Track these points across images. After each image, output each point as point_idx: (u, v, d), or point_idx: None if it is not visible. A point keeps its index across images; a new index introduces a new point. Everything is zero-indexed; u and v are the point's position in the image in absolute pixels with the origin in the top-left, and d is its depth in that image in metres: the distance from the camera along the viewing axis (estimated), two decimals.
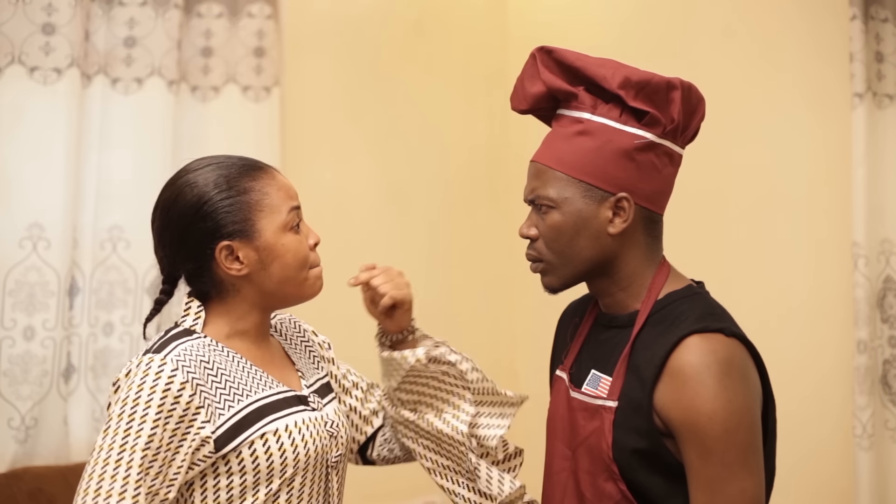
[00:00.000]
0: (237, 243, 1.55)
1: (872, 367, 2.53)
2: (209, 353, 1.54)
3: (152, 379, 1.46)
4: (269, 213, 1.57)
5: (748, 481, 1.48)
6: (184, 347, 1.52)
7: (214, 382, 1.51)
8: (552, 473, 1.68)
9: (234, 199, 1.56)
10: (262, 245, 1.56)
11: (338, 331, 2.25)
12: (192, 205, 1.56)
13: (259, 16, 2.92)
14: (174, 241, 1.58)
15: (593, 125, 1.61)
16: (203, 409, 1.48)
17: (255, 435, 1.52)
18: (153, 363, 1.48)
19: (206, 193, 1.56)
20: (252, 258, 1.56)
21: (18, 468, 2.54)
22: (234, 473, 1.51)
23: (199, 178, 1.58)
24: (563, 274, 1.64)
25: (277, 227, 1.57)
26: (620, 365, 1.57)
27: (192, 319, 1.58)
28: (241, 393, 1.54)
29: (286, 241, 1.58)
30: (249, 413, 1.53)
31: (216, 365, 1.53)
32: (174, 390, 1.46)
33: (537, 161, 1.65)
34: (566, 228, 1.60)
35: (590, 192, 1.59)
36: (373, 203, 3.28)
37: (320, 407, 1.64)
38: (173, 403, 1.46)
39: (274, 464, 1.52)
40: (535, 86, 1.66)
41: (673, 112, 1.60)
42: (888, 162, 2.56)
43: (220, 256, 1.55)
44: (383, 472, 2.18)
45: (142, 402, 1.45)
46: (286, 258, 1.58)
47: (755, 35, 2.90)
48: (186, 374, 1.48)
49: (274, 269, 1.57)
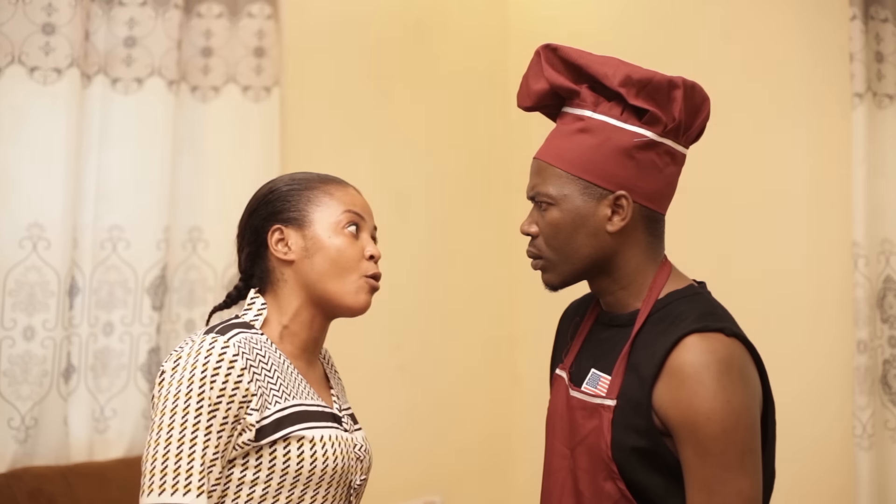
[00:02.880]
0: (289, 229, 1.63)
1: (872, 367, 2.53)
2: (265, 350, 1.58)
3: (216, 359, 1.49)
4: (325, 209, 1.64)
5: (745, 482, 1.48)
6: (245, 336, 1.55)
7: (267, 375, 1.55)
8: (551, 472, 1.68)
9: (298, 192, 1.65)
10: (310, 234, 1.63)
11: (338, 330, 2.25)
12: (262, 194, 1.68)
13: (259, 16, 2.92)
14: (242, 227, 1.70)
15: (594, 123, 1.61)
16: (256, 397, 1.51)
17: (293, 436, 1.54)
18: (216, 343, 1.51)
19: (277, 186, 1.68)
20: (299, 245, 1.62)
21: (18, 468, 2.54)
22: (262, 469, 1.53)
23: (278, 177, 1.72)
24: (561, 271, 1.64)
25: (330, 223, 1.63)
26: (620, 364, 1.57)
27: (254, 315, 1.63)
28: (290, 393, 1.57)
29: (336, 238, 1.63)
30: (292, 413, 1.56)
31: (271, 361, 1.57)
32: (235, 374, 1.49)
33: (539, 158, 1.66)
34: (564, 225, 1.61)
35: (588, 190, 1.60)
36: (373, 203, 3.26)
37: (352, 429, 1.68)
38: (234, 387, 1.49)
39: (303, 469, 1.54)
40: (539, 83, 1.67)
41: (674, 111, 1.60)
42: (888, 162, 2.56)
43: (270, 238, 1.63)
44: (383, 472, 2.18)
45: (207, 380, 1.48)
46: (330, 252, 1.62)
47: (755, 35, 2.90)
48: (246, 360, 1.52)
49: (317, 260, 1.62)
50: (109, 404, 2.72)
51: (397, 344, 3.30)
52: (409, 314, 3.34)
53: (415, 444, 3.30)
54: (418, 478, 3.33)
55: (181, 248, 2.84)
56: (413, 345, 3.33)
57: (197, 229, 2.85)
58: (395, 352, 3.30)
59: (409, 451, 3.27)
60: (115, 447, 2.72)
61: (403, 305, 3.32)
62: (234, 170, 2.84)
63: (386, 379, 3.25)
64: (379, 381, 3.21)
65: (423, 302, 3.38)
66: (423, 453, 3.33)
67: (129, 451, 2.72)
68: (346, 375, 1.90)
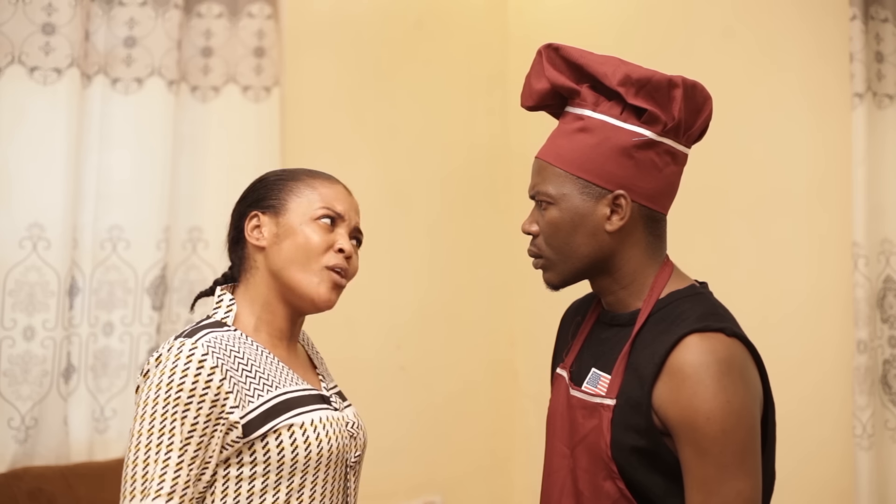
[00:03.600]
0: (265, 216, 1.65)
1: (872, 367, 2.53)
2: (239, 345, 1.57)
3: (183, 362, 1.49)
4: (303, 200, 1.64)
5: (744, 483, 1.47)
6: (214, 336, 1.55)
7: (244, 371, 1.55)
8: (551, 472, 1.68)
9: (283, 182, 1.67)
10: (283, 221, 1.63)
11: (338, 331, 2.25)
12: (252, 183, 1.71)
13: (259, 16, 2.92)
14: (231, 215, 1.70)
15: (593, 122, 1.61)
16: (232, 395, 1.51)
17: (282, 425, 1.54)
18: (184, 347, 1.51)
19: (266, 176, 1.71)
20: (271, 232, 1.63)
21: (18, 468, 2.54)
22: (258, 463, 1.53)
23: (274, 170, 1.74)
24: (561, 270, 1.64)
25: (305, 214, 1.63)
26: (620, 363, 1.57)
27: (224, 312, 1.63)
28: (270, 384, 1.57)
29: (307, 228, 1.63)
30: (277, 404, 1.56)
31: (246, 356, 1.57)
32: (205, 374, 1.49)
33: (540, 157, 1.66)
34: (563, 225, 1.61)
35: (587, 189, 1.60)
36: (373, 203, 3.26)
37: (342, 408, 1.68)
38: (205, 387, 1.49)
39: (298, 456, 1.54)
40: (540, 82, 1.67)
41: (674, 110, 1.59)
42: (888, 162, 2.56)
43: (247, 225, 1.64)
44: (383, 473, 2.19)
45: (174, 385, 1.48)
46: (298, 238, 1.62)
47: (755, 35, 2.89)
48: (216, 359, 1.51)
49: (284, 245, 1.62)
50: (109, 404, 2.72)
51: (397, 344, 3.30)
52: (409, 314, 3.34)
53: (415, 444, 3.30)
54: (418, 478, 3.33)
55: (181, 248, 2.84)
56: (413, 345, 3.33)
57: (197, 229, 2.85)
58: (396, 352, 3.29)
59: (409, 451, 3.27)
60: (115, 447, 2.72)
61: (404, 306, 3.32)
62: (234, 170, 2.84)
63: (386, 379, 3.25)
64: (379, 381, 3.21)
65: (423, 302, 3.38)
66: (423, 453, 3.33)
67: None
68: (346, 376, 1.90)
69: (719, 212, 2.94)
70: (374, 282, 2.66)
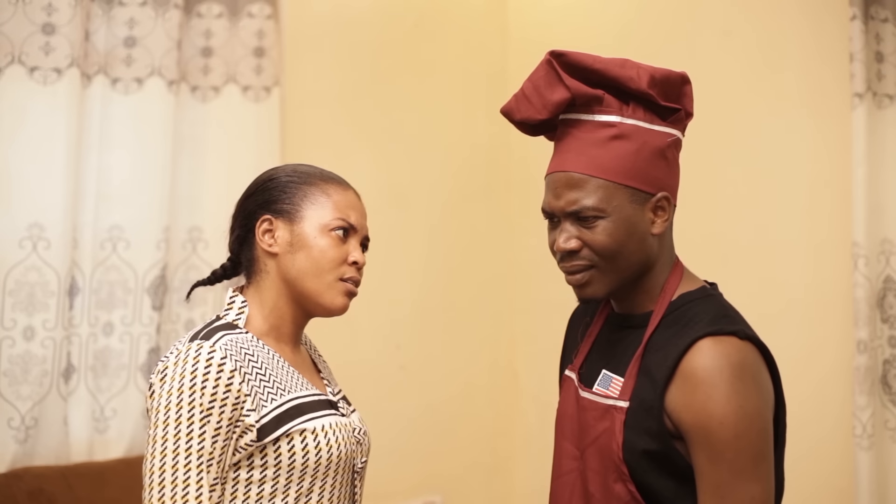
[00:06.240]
0: (278, 221, 1.63)
1: (872, 367, 2.53)
2: (252, 348, 1.57)
3: (203, 365, 1.49)
4: (319, 209, 1.63)
5: (757, 487, 1.47)
6: (230, 338, 1.55)
7: (259, 374, 1.55)
8: (560, 474, 1.67)
9: (296, 186, 1.65)
10: (297, 230, 1.62)
11: (338, 331, 2.25)
12: (262, 180, 1.68)
13: (259, 16, 2.92)
14: (236, 210, 1.68)
15: (627, 128, 1.58)
16: (249, 398, 1.51)
17: (294, 430, 1.54)
18: (202, 350, 1.50)
19: (277, 175, 1.68)
20: (285, 239, 1.62)
21: (18, 468, 2.54)
22: (268, 467, 1.53)
23: (281, 166, 1.71)
24: (611, 281, 1.59)
25: (319, 223, 1.62)
26: (633, 365, 1.57)
27: (235, 314, 1.62)
28: (284, 388, 1.57)
29: (321, 239, 1.62)
30: (290, 408, 1.56)
31: (259, 359, 1.57)
32: (225, 378, 1.49)
33: (572, 171, 1.58)
34: (619, 235, 1.56)
35: (635, 196, 1.57)
36: (372, 203, 3.25)
37: (349, 413, 1.69)
38: (226, 391, 1.49)
39: (308, 461, 1.55)
40: (558, 93, 1.60)
41: (688, 105, 1.62)
42: (888, 162, 2.56)
43: (258, 228, 1.63)
44: (383, 473, 2.19)
45: (197, 388, 1.48)
46: (313, 251, 1.61)
47: (755, 35, 2.90)
48: (234, 362, 1.51)
49: (299, 257, 1.61)
50: (109, 404, 2.72)
51: (397, 344, 3.30)
52: (409, 314, 3.34)
53: (415, 444, 3.30)
54: (418, 478, 3.33)
55: (181, 248, 2.84)
56: (413, 345, 3.34)
57: (197, 229, 2.86)
58: (396, 352, 3.30)
59: (409, 451, 3.28)
60: (115, 447, 2.72)
61: (404, 306, 3.32)
62: (234, 170, 2.84)
63: (387, 379, 3.26)
64: (380, 381, 3.21)
65: (423, 302, 3.38)
66: (423, 453, 3.33)
67: (129, 451, 2.72)
68: (346, 376, 1.90)
69: (719, 212, 2.94)
70: (374, 282, 2.66)
